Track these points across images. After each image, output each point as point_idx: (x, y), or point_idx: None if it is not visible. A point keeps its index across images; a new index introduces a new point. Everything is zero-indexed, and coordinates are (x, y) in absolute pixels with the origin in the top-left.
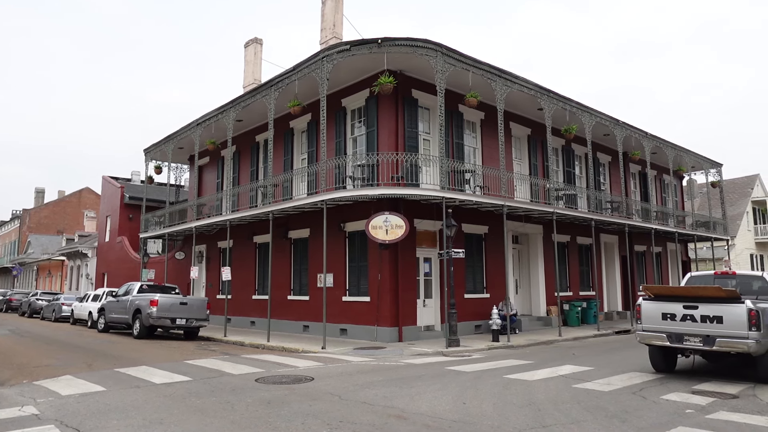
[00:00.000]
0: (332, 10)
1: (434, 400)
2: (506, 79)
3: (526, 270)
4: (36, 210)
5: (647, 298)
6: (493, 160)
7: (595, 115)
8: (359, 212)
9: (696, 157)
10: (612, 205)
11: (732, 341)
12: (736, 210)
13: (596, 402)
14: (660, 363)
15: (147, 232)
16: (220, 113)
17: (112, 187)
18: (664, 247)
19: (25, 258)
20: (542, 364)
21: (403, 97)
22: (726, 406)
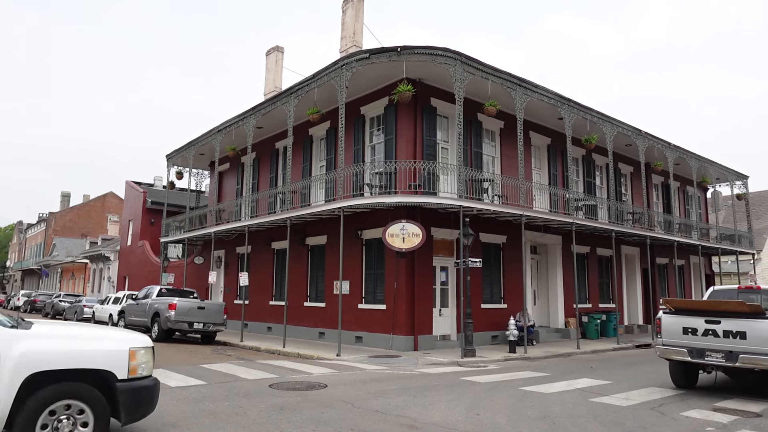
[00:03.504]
0: (352, 18)
1: (447, 411)
2: (526, 88)
3: (545, 281)
4: (61, 213)
5: (668, 311)
6: (512, 169)
7: (617, 125)
8: (376, 220)
9: (721, 169)
10: (633, 216)
11: (756, 358)
12: (762, 223)
13: (613, 417)
14: (680, 378)
15: (168, 236)
16: (241, 120)
17: (134, 192)
18: (687, 260)
19: (50, 260)
20: (559, 377)
21: (422, 106)
22: (748, 425)
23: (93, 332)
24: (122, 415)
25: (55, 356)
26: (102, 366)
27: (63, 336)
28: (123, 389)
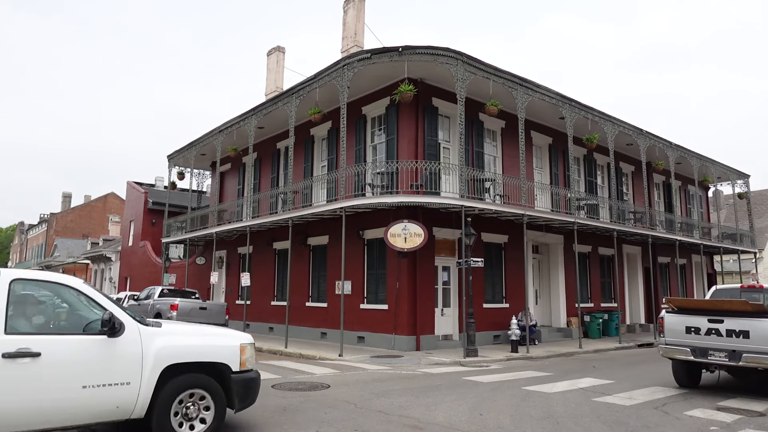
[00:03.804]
0: (354, 19)
1: (450, 411)
2: (527, 88)
3: (546, 280)
4: (63, 214)
5: (670, 310)
6: (514, 168)
7: (618, 125)
8: (378, 220)
9: (722, 168)
10: (635, 215)
11: (759, 357)
12: (764, 222)
13: (617, 416)
14: (683, 378)
15: (169, 237)
16: (242, 120)
17: (136, 193)
18: (688, 259)
19: (51, 261)
20: (562, 377)
21: (423, 106)
22: (752, 424)
23: (208, 330)
24: (235, 403)
25: (184, 351)
26: (220, 359)
27: (187, 333)
28: (236, 380)
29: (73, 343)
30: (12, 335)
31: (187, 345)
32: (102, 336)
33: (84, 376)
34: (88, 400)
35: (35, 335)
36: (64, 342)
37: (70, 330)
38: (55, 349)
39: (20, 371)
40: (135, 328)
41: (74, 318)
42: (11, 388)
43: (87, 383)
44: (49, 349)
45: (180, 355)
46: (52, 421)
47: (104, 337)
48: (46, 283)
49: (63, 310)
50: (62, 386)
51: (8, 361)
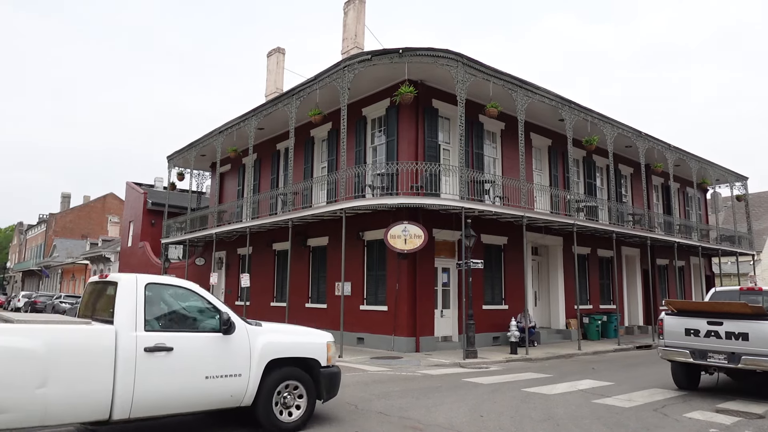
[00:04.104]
0: (354, 20)
1: (451, 412)
2: (527, 90)
3: (546, 282)
4: (62, 214)
5: (670, 312)
6: (513, 170)
7: (617, 127)
8: (378, 221)
9: (720, 170)
10: (634, 217)
11: (758, 359)
12: (762, 224)
13: (617, 418)
14: (683, 380)
15: (168, 237)
16: (242, 121)
17: (135, 193)
18: (687, 261)
19: (51, 261)
20: (561, 378)
21: (424, 107)
22: (751, 426)
23: (298, 329)
24: (323, 394)
25: (283, 347)
26: (311, 355)
27: (284, 332)
28: (323, 374)
29: (196, 340)
30: (150, 332)
31: (285, 342)
32: (218, 333)
33: (206, 368)
34: (209, 389)
35: (167, 332)
36: (189, 338)
37: (192, 328)
38: (183, 344)
39: (157, 363)
40: (243, 327)
41: (195, 317)
42: (151, 377)
43: (208, 374)
44: (179, 344)
45: (280, 351)
46: (182, 406)
47: (220, 334)
48: (171, 286)
49: (186, 310)
50: (189, 376)
51: (148, 354)
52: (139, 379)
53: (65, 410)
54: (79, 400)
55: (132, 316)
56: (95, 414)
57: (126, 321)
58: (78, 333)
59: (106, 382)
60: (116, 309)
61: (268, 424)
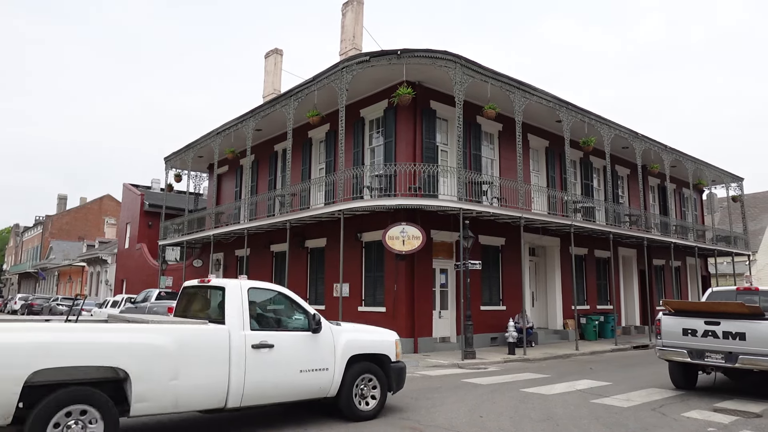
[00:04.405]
0: (352, 21)
1: (450, 413)
2: (525, 91)
3: (543, 282)
4: (58, 216)
5: (667, 312)
6: (511, 171)
7: (614, 128)
8: (376, 222)
9: (716, 171)
10: (630, 218)
11: (755, 359)
12: (757, 225)
13: (615, 418)
14: (680, 379)
15: (166, 239)
16: (240, 122)
17: (132, 195)
18: (683, 262)
19: (47, 263)
20: (559, 378)
21: (422, 108)
22: (749, 425)
23: (372, 328)
24: (393, 386)
25: (361, 344)
26: (384, 351)
27: (360, 330)
28: (394, 368)
29: (291, 338)
30: (254, 331)
31: (363, 340)
32: (308, 332)
33: (300, 363)
34: (303, 382)
35: (267, 331)
36: (286, 336)
37: (286, 327)
38: (281, 341)
39: (262, 358)
40: (328, 326)
41: (288, 318)
42: (257, 371)
43: (302, 368)
44: (278, 341)
45: (359, 348)
46: (282, 396)
47: (310, 333)
48: (268, 290)
49: (280, 311)
50: (287, 370)
51: (255, 350)
52: (248, 373)
53: (191, 399)
54: (202, 391)
55: (240, 317)
56: (213, 402)
57: (236, 321)
58: (200, 332)
59: (222, 375)
60: (226, 311)
61: (349, 412)
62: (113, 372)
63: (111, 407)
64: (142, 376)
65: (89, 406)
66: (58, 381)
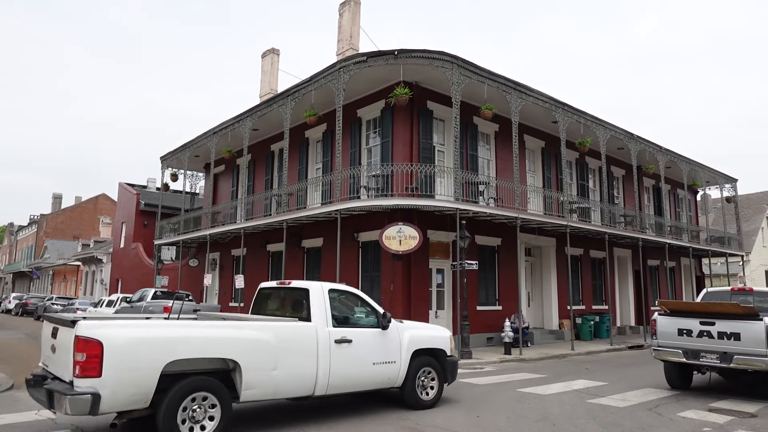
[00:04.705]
0: (349, 22)
1: (448, 413)
2: (521, 92)
3: (539, 283)
4: (53, 215)
5: (663, 313)
6: (507, 172)
7: (610, 129)
8: (373, 222)
9: (711, 172)
10: (625, 218)
11: (750, 359)
12: (751, 225)
13: (612, 418)
14: (675, 379)
15: (161, 239)
16: (237, 122)
17: (127, 194)
18: (677, 262)
19: (42, 263)
20: (555, 378)
21: (418, 109)
22: (745, 425)
23: (429, 325)
24: (448, 378)
25: (422, 340)
26: (440, 346)
27: (420, 328)
28: (449, 362)
29: (365, 334)
30: (335, 328)
31: (423, 336)
32: (378, 329)
33: (373, 356)
34: (375, 373)
35: (345, 328)
36: (361, 332)
37: (360, 324)
38: (358, 337)
39: (343, 352)
40: (394, 323)
41: (361, 316)
42: (339, 363)
43: (375, 361)
44: (355, 337)
45: (420, 343)
46: (358, 386)
47: (380, 329)
48: (344, 291)
49: (354, 310)
50: (363, 363)
51: (337, 345)
52: (332, 365)
53: (287, 387)
54: (296, 380)
55: (323, 315)
56: (304, 390)
57: (320, 319)
58: (295, 328)
59: (312, 367)
60: (312, 310)
61: (412, 401)
62: (224, 363)
63: (226, 394)
64: (250, 367)
65: (209, 393)
66: (184, 371)
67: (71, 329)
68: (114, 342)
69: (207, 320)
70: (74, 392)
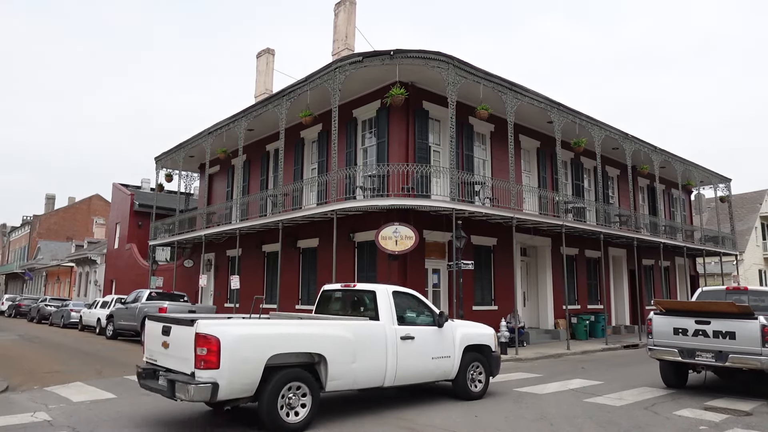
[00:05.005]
0: (344, 21)
1: (445, 412)
2: (516, 92)
3: (534, 282)
4: (46, 216)
5: (659, 312)
6: (503, 172)
7: (605, 129)
8: (369, 223)
9: (705, 172)
10: (620, 218)
11: (745, 357)
12: (744, 225)
13: (609, 417)
14: (671, 378)
15: (156, 239)
16: (232, 122)
17: (122, 195)
18: (672, 262)
19: (35, 264)
20: (552, 378)
21: (414, 109)
22: (740, 423)
23: (476, 323)
24: (494, 371)
25: (472, 337)
26: (487, 342)
27: (469, 326)
28: (493, 356)
29: (424, 331)
30: (401, 326)
31: (473, 333)
32: (435, 327)
33: (431, 351)
34: (434, 366)
35: (408, 326)
36: (421, 330)
37: (419, 322)
38: (419, 334)
39: (407, 347)
40: (448, 322)
41: (419, 315)
42: (404, 357)
43: (433, 356)
44: (417, 334)
45: (471, 340)
46: (419, 378)
47: (436, 327)
48: (405, 293)
49: (414, 310)
50: (424, 357)
51: (402, 341)
52: (399, 359)
53: (363, 378)
54: (370, 372)
55: (390, 314)
56: (376, 382)
57: (387, 318)
58: (368, 326)
59: (382, 360)
60: (380, 310)
61: (463, 393)
62: (310, 357)
63: (315, 384)
64: (334, 360)
65: (302, 383)
66: (281, 364)
67: (190, 328)
68: (228, 338)
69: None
70: (197, 381)
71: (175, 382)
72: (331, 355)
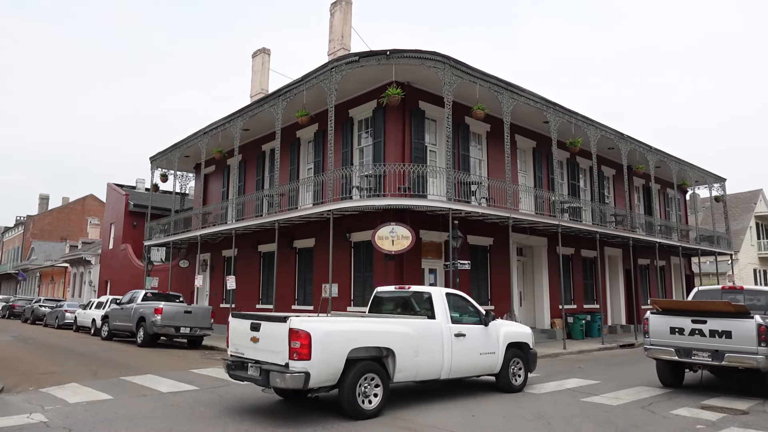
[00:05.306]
0: (340, 21)
1: (443, 412)
2: (513, 92)
3: (531, 282)
4: (40, 216)
5: (655, 311)
6: (499, 172)
7: (601, 129)
8: (365, 223)
9: (700, 172)
10: (616, 218)
11: (741, 356)
12: (739, 225)
13: (606, 416)
14: (667, 377)
15: (151, 239)
16: (228, 122)
17: (116, 195)
18: (667, 261)
19: (28, 264)
20: (548, 378)
21: (410, 109)
22: (737, 422)
23: (513, 323)
24: (531, 367)
25: (514, 335)
26: (525, 340)
27: (509, 325)
28: (531, 353)
29: (473, 329)
30: (454, 324)
31: (514, 331)
32: (481, 325)
33: (479, 347)
34: (481, 361)
35: (460, 324)
36: (470, 328)
37: (468, 321)
38: (469, 332)
39: (460, 344)
40: (493, 321)
41: (468, 314)
42: (457, 352)
43: (481, 352)
44: (467, 332)
45: (512, 338)
46: (469, 372)
47: (482, 326)
48: (455, 295)
49: (464, 309)
50: (473, 353)
51: (456, 338)
52: (453, 354)
53: (424, 371)
54: (430, 365)
55: (444, 314)
56: (434, 374)
57: (442, 317)
58: (428, 324)
59: (439, 355)
60: (435, 310)
61: (506, 387)
62: (379, 351)
63: (385, 376)
64: (401, 353)
65: (375, 374)
66: (358, 357)
67: (283, 324)
68: (318, 333)
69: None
70: (291, 371)
71: (269, 372)
72: (399, 349)
